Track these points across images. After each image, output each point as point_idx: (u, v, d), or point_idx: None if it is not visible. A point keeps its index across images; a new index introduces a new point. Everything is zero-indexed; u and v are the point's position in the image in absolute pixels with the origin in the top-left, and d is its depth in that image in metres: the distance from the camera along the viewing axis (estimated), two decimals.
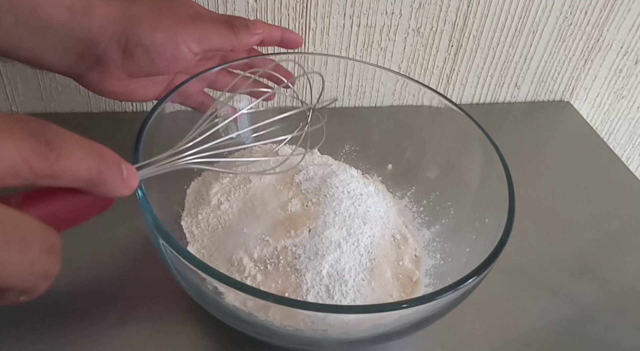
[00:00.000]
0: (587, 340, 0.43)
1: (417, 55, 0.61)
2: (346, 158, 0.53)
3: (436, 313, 0.33)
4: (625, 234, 0.53)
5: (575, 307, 0.45)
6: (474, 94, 0.68)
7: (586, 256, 0.50)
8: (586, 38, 0.64)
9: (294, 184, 0.46)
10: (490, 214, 0.39)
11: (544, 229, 0.52)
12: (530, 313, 0.44)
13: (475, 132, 0.43)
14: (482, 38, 0.62)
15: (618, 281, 0.48)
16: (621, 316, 0.45)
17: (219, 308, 0.34)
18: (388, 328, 0.33)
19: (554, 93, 0.70)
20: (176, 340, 0.39)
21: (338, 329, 0.33)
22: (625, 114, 0.75)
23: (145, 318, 0.40)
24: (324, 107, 0.44)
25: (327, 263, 0.38)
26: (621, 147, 0.80)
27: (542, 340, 0.42)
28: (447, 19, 0.59)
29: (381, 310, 0.31)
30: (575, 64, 0.67)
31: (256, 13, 0.55)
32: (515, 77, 0.67)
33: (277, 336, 0.34)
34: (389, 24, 0.58)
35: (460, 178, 0.46)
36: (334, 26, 0.57)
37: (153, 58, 0.39)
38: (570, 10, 0.61)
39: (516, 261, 0.47)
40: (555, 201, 0.56)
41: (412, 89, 0.48)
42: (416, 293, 0.41)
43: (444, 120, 0.47)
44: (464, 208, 0.44)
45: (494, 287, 0.42)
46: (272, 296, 0.29)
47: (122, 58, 0.39)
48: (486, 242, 0.37)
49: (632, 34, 0.65)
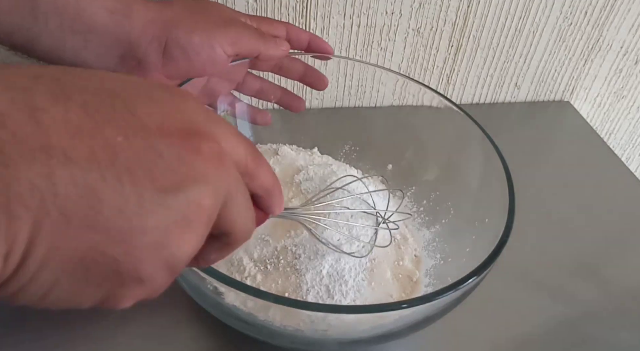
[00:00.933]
0: (587, 340, 0.43)
1: (417, 55, 0.61)
2: (346, 158, 0.53)
3: (436, 313, 0.33)
4: (625, 234, 0.53)
5: (575, 307, 0.45)
6: (474, 94, 0.68)
7: (586, 256, 0.50)
8: (586, 38, 0.64)
9: (294, 184, 0.46)
10: (490, 214, 0.39)
11: (544, 229, 0.52)
12: (530, 313, 0.44)
13: (475, 132, 0.43)
14: (482, 38, 0.62)
15: (618, 281, 0.48)
16: (621, 316, 0.45)
17: (219, 308, 0.34)
18: (388, 328, 0.33)
19: (554, 93, 0.70)
20: (176, 340, 0.39)
21: (338, 329, 0.33)
22: (625, 114, 0.75)
23: (145, 318, 0.40)
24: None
25: (327, 263, 0.38)
26: (621, 147, 0.80)
27: (542, 340, 0.42)
28: (447, 19, 0.59)
29: (381, 309, 0.31)
30: (575, 64, 0.67)
31: (256, 13, 0.55)
32: (515, 77, 0.67)
33: (277, 336, 0.34)
34: (389, 24, 0.58)
35: (460, 178, 0.46)
36: (334, 26, 0.57)
37: (190, 59, 0.40)
38: (570, 10, 0.61)
39: (516, 261, 0.46)
40: (555, 201, 0.56)
41: (412, 89, 0.48)
42: (416, 293, 0.41)
43: (444, 120, 0.47)
44: (464, 208, 0.44)
45: (494, 287, 0.42)
46: (272, 296, 0.29)
47: (161, 60, 0.40)
48: (486, 242, 0.37)
49: (632, 34, 0.65)
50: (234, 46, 0.41)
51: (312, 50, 0.47)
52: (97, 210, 0.17)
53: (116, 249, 0.18)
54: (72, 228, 0.16)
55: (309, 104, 0.57)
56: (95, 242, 0.17)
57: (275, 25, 0.45)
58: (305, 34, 0.47)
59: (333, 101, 0.61)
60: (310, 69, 0.49)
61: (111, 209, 0.17)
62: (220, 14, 0.42)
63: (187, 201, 0.19)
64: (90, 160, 0.17)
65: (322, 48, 0.47)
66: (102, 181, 0.17)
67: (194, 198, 0.19)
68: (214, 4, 0.43)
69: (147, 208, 0.18)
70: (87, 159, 0.17)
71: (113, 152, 0.17)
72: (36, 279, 0.17)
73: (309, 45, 0.47)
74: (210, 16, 0.41)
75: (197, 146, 0.20)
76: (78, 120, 0.17)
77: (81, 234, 0.17)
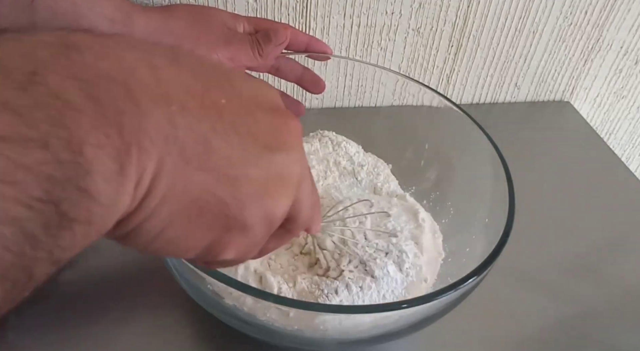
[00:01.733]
0: (587, 340, 0.43)
1: (417, 55, 0.61)
2: None
3: (436, 313, 0.33)
4: (625, 234, 0.53)
5: (575, 307, 0.45)
6: (474, 94, 0.68)
7: (586, 256, 0.50)
8: (586, 38, 0.64)
9: None
10: (490, 214, 0.39)
11: (544, 229, 0.52)
12: (530, 313, 0.44)
13: (475, 132, 0.43)
14: (482, 38, 0.62)
15: (618, 281, 0.48)
16: (621, 316, 0.45)
17: (219, 308, 0.34)
18: (388, 328, 0.33)
19: (554, 93, 0.70)
20: (176, 340, 0.39)
21: (338, 329, 0.33)
22: (625, 114, 0.75)
23: (145, 318, 0.40)
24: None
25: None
26: (621, 147, 0.80)
27: (542, 340, 0.42)
28: (447, 19, 0.59)
29: (381, 309, 0.31)
30: (575, 64, 0.67)
31: (256, 13, 0.55)
32: (515, 77, 0.67)
33: (277, 336, 0.34)
34: (389, 24, 0.58)
35: (460, 178, 0.46)
36: (334, 26, 0.57)
37: None
38: (570, 10, 0.61)
39: (516, 261, 0.46)
40: (555, 201, 0.56)
41: (412, 89, 0.48)
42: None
43: (444, 120, 0.47)
44: (463, 208, 0.44)
45: (494, 287, 0.42)
46: (272, 296, 0.29)
47: None
48: (486, 242, 0.37)
49: (632, 34, 0.65)
50: (232, 61, 0.42)
51: (311, 52, 0.47)
52: (209, 155, 0.19)
53: (225, 191, 0.20)
54: (188, 169, 0.18)
55: (309, 104, 0.57)
56: (207, 184, 0.19)
57: (274, 26, 0.45)
58: (304, 36, 0.47)
59: (333, 101, 0.61)
60: (308, 71, 0.49)
61: (220, 156, 0.19)
62: (220, 28, 0.43)
63: (283, 162, 0.22)
64: (202, 112, 0.19)
65: (321, 50, 0.47)
66: (212, 131, 0.19)
67: (288, 161, 0.22)
68: (215, 13, 0.44)
69: (249, 160, 0.20)
70: (199, 111, 0.19)
71: (219, 110, 0.20)
72: (156, 215, 0.18)
73: (308, 47, 0.47)
74: (212, 31, 0.42)
75: (286, 121, 0.22)
76: (188, 81, 0.19)
77: (196, 175, 0.19)
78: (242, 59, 0.43)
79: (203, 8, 0.44)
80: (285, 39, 0.44)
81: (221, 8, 0.54)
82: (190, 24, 0.41)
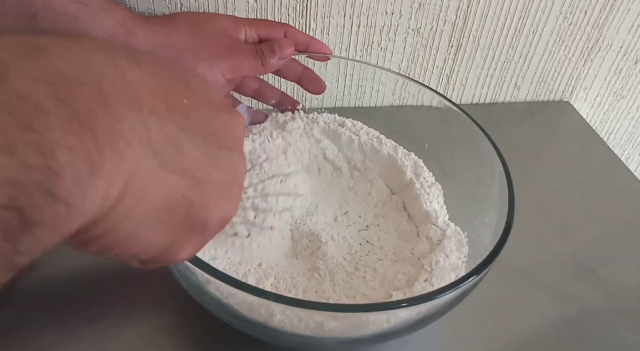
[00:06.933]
0: (587, 340, 0.43)
1: (417, 55, 0.62)
2: None
3: (436, 312, 0.33)
4: (625, 234, 0.53)
5: (575, 307, 0.45)
6: (474, 94, 0.68)
7: (586, 256, 0.50)
8: (586, 38, 0.64)
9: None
10: (490, 214, 0.39)
11: (544, 229, 0.52)
12: (530, 313, 0.44)
13: (475, 132, 0.43)
14: (482, 38, 0.62)
15: (618, 281, 0.48)
16: (621, 316, 0.45)
17: (219, 308, 0.34)
18: (388, 327, 0.33)
19: (553, 93, 0.70)
20: (176, 339, 0.39)
21: (338, 328, 0.33)
22: (625, 114, 0.75)
23: (145, 318, 0.40)
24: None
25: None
26: (621, 147, 0.80)
27: (542, 340, 0.42)
28: (447, 19, 0.59)
29: (381, 309, 0.31)
30: (575, 64, 0.67)
31: (256, 13, 0.55)
32: (515, 77, 0.67)
33: (277, 335, 0.34)
34: (389, 24, 0.58)
35: (460, 178, 0.46)
36: (334, 26, 0.57)
37: None
38: (570, 10, 0.61)
39: (516, 261, 0.46)
40: (555, 201, 0.56)
41: (412, 89, 0.48)
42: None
43: (444, 120, 0.47)
44: (463, 208, 0.44)
45: (494, 287, 0.42)
46: (272, 295, 0.29)
47: None
48: (486, 242, 0.37)
49: (632, 34, 0.65)
50: (233, 72, 0.42)
51: (311, 52, 0.47)
52: (180, 157, 0.20)
53: (193, 193, 0.20)
54: (161, 170, 0.19)
55: (309, 104, 0.57)
56: (179, 185, 0.20)
57: (275, 27, 0.45)
58: (304, 37, 0.47)
59: (333, 101, 0.61)
60: (309, 71, 0.49)
61: (190, 158, 0.20)
62: (222, 40, 0.42)
63: (236, 162, 0.22)
64: (170, 114, 0.19)
65: (321, 51, 0.47)
66: (181, 132, 0.20)
67: (240, 160, 0.23)
68: (217, 21, 0.43)
69: (211, 161, 0.21)
70: (167, 113, 0.19)
71: (184, 111, 0.20)
72: (129, 217, 0.18)
73: (308, 48, 0.47)
74: (214, 43, 0.42)
75: (235, 119, 0.23)
76: (151, 83, 0.19)
77: (169, 176, 0.19)
78: (244, 69, 0.43)
79: (205, 17, 0.44)
80: (289, 55, 0.44)
81: (221, 8, 0.54)
82: (191, 36, 0.41)
